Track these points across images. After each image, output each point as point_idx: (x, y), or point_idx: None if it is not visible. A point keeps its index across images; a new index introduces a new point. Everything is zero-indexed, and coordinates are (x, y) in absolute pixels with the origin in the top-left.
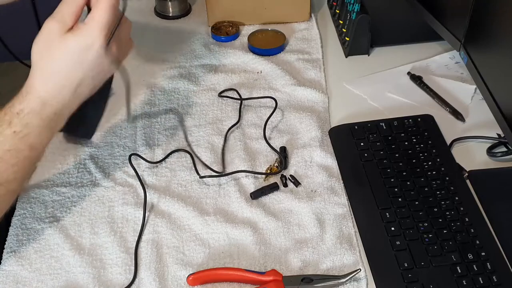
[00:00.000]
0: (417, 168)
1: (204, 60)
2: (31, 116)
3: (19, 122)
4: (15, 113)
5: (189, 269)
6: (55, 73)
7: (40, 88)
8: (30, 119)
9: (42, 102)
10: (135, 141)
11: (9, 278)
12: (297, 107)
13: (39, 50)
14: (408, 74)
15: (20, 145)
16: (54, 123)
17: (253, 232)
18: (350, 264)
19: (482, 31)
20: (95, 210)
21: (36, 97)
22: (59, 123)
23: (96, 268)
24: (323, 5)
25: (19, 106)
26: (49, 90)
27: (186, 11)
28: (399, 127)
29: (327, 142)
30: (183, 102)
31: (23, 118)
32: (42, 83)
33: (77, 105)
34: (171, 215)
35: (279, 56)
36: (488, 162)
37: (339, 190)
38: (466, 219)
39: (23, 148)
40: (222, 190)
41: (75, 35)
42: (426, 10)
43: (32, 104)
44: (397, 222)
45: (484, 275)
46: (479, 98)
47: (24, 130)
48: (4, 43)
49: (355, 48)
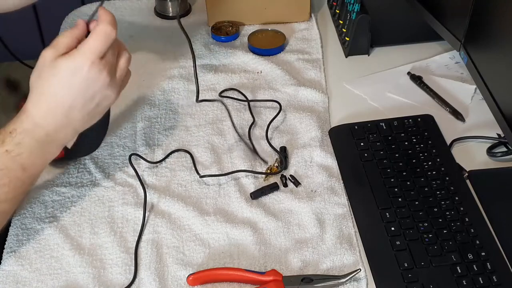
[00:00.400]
0: (417, 168)
1: (204, 60)
2: (23, 136)
3: (11, 141)
4: (8, 132)
5: (189, 269)
6: (46, 94)
7: (32, 109)
8: (22, 139)
9: (34, 123)
10: (135, 141)
11: (9, 278)
12: (297, 107)
13: (35, 76)
14: (408, 74)
15: (11, 164)
16: (46, 145)
17: (253, 232)
18: (350, 264)
19: (482, 31)
20: (95, 210)
21: (29, 117)
22: (53, 146)
23: (96, 268)
24: (323, 5)
25: (13, 126)
26: (40, 111)
27: (186, 11)
28: (399, 127)
29: (327, 142)
30: (183, 102)
31: (15, 137)
32: (34, 105)
33: (72, 130)
34: (171, 215)
35: (279, 56)
36: (488, 162)
37: (339, 190)
38: (466, 219)
39: (14, 168)
40: (222, 190)
41: (65, 59)
42: (426, 10)
43: (25, 124)
44: (397, 222)
45: (484, 275)
46: (479, 98)
47: (16, 149)
48: (4, 43)
49: (355, 48)
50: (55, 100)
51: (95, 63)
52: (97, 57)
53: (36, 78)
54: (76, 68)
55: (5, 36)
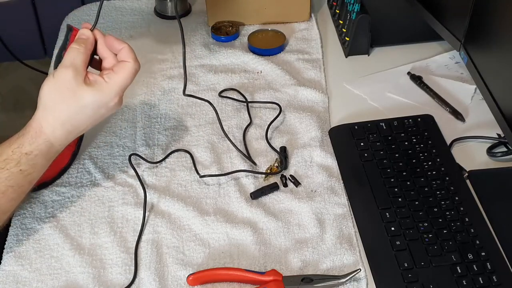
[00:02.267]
0: (417, 168)
1: (204, 60)
2: (39, 157)
3: (27, 162)
4: (23, 153)
5: (189, 269)
6: (67, 121)
7: (51, 133)
8: (37, 160)
9: (50, 145)
10: (134, 141)
11: (9, 278)
12: (297, 107)
13: (52, 95)
14: (408, 74)
15: (22, 181)
16: (51, 159)
17: (253, 232)
18: (350, 264)
19: (482, 31)
20: (95, 210)
21: (46, 140)
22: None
23: (96, 268)
24: (323, 5)
25: (29, 147)
26: (58, 136)
27: (186, 11)
28: (399, 127)
29: (327, 142)
30: (183, 102)
31: (32, 159)
32: (53, 130)
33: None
34: (171, 215)
35: (279, 56)
36: (488, 162)
37: (339, 190)
38: (466, 219)
39: (24, 184)
40: (222, 190)
41: (93, 90)
42: (426, 10)
43: (42, 147)
44: (397, 222)
45: (484, 275)
46: (479, 98)
47: (30, 169)
48: (4, 43)
49: (355, 48)
50: (75, 126)
51: (120, 98)
52: (123, 92)
53: (55, 98)
54: (103, 103)
55: (5, 36)
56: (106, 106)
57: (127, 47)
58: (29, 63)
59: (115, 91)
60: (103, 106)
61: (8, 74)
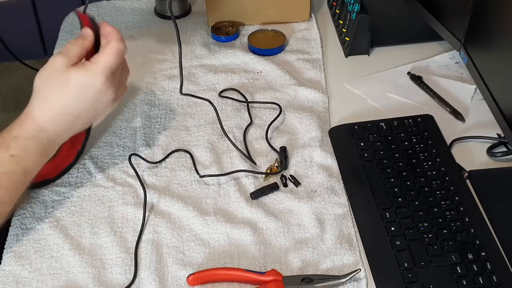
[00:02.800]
0: (417, 168)
1: (204, 60)
2: (28, 141)
3: (16, 145)
4: (13, 137)
5: (189, 269)
6: (53, 102)
7: (39, 116)
8: (27, 144)
9: (39, 128)
10: (135, 141)
11: (9, 278)
12: (297, 107)
13: (42, 80)
14: (408, 74)
15: (15, 168)
16: (46, 149)
17: (253, 232)
18: (350, 264)
19: (482, 31)
20: (95, 210)
21: (35, 123)
22: (51, 150)
23: (96, 268)
24: (323, 5)
25: (18, 131)
26: (48, 118)
27: (186, 11)
28: (399, 127)
29: (327, 142)
30: (183, 102)
31: (21, 142)
32: (41, 112)
33: (70, 135)
34: (171, 215)
35: (279, 56)
36: (488, 162)
37: (339, 190)
38: (466, 219)
39: (18, 172)
40: (222, 190)
41: (78, 71)
42: (426, 10)
43: (30, 130)
44: (397, 222)
45: (484, 275)
46: (479, 98)
47: (20, 153)
48: (4, 43)
49: (355, 48)
50: (63, 109)
51: (108, 79)
52: (110, 73)
53: (44, 83)
54: (89, 84)
55: (5, 36)
56: (93, 87)
57: (112, 30)
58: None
59: (99, 70)
60: (90, 86)
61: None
